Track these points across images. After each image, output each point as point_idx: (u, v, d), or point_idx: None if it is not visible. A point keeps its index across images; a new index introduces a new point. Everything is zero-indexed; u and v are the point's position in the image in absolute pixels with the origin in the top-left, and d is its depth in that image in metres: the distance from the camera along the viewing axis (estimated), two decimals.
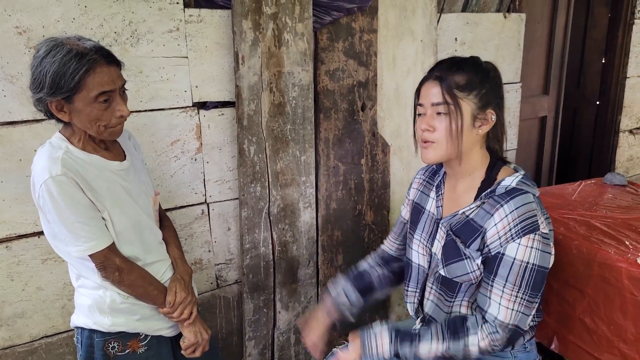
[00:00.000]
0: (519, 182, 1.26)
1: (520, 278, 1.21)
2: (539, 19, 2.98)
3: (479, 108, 1.27)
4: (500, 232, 1.22)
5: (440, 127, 1.26)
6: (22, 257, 1.68)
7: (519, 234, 1.20)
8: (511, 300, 1.22)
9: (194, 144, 1.89)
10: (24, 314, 1.72)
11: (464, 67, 1.28)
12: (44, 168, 1.19)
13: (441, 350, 1.26)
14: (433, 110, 1.28)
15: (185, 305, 1.41)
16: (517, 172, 1.31)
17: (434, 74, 1.30)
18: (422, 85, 1.32)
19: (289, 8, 1.85)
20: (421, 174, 1.55)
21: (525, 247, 1.20)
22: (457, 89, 1.25)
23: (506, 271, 1.22)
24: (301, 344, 2.22)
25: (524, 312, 1.23)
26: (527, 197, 1.22)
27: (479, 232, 1.26)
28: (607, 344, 1.53)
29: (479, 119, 1.28)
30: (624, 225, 1.66)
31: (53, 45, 1.18)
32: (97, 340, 1.34)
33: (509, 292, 1.21)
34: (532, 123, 3.22)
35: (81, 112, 1.21)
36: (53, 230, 1.26)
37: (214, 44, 1.83)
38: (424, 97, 1.30)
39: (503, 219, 1.21)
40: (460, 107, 1.25)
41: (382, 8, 2.10)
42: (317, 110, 2.04)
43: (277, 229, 2.04)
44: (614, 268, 1.45)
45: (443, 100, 1.25)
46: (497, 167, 1.33)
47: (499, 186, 1.27)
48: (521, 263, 1.20)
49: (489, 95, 1.28)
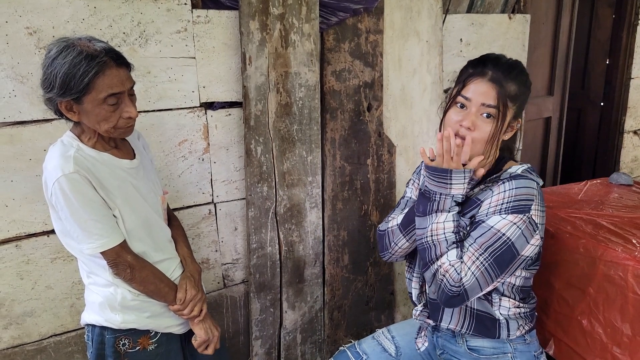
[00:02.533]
0: (524, 171, 1.30)
1: (488, 244, 1.21)
2: (543, 20, 2.99)
3: (513, 117, 1.30)
4: (492, 203, 1.25)
5: (484, 129, 1.26)
6: (32, 256, 1.69)
7: (507, 210, 1.22)
8: (471, 259, 1.22)
9: (201, 144, 1.90)
10: (33, 313, 1.73)
11: (516, 76, 1.28)
12: (57, 166, 1.20)
13: (430, 229, 1.28)
14: (481, 111, 1.27)
15: (196, 303, 1.42)
16: (523, 164, 1.35)
17: (490, 74, 1.27)
18: (473, 80, 1.29)
19: (296, 9, 1.86)
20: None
21: (508, 222, 1.22)
22: (508, 98, 1.26)
23: (479, 233, 1.24)
24: (307, 344, 2.23)
25: (478, 278, 1.21)
26: (530, 182, 1.26)
27: (476, 204, 1.29)
28: (600, 347, 1.53)
29: (511, 127, 1.32)
30: (631, 224, 1.66)
31: (64, 47, 1.20)
32: (108, 337, 1.36)
33: (472, 250, 1.23)
34: (536, 124, 3.22)
35: (90, 112, 1.23)
36: (65, 228, 1.28)
37: (221, 44, 1.84)
38: (475, 93, 1.27)
39: (500, 193, 1.25)
40: (506, 116, 1.27)
41: (387, 9, 2.11)
42: (323, 111, 2.05)
43: (283, 229, 2.05)
44: (621, 266, 1.45)
45: (496, 105, 1.25)
46: (504, 160, 1.38)
47: (504, 172, 1.32)
48: (497, 232, 1.21)
49: (523, 105, 1.32)
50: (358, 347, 1.62)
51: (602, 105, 3.58)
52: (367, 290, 2.32)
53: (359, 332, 2.32)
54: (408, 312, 2.51)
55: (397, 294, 2.44)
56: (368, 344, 1.63)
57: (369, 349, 1.60)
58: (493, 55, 1.33)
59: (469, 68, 1.33)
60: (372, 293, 2.34)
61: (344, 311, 2.28)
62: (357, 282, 2.28)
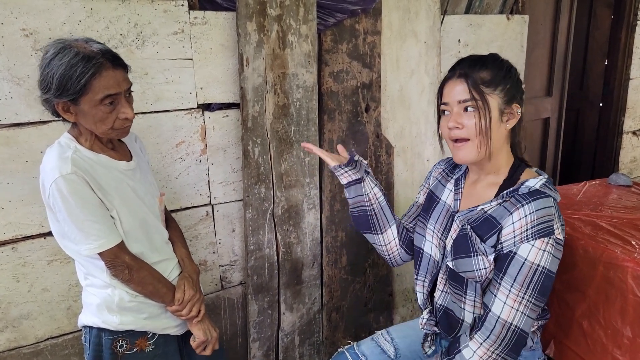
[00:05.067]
0: (542, 185, 1.26)
1: (529, 280, 1.20)
2: (541, 20, 2.99)
3: (505, 102, 1.29)
4: (516, 231, 1.22)
5: (469, 123, 1.27)
6: (28, 259, 1.68)
7: (534, 236, 1.20)
8: (517, 300, 1.21)
9: (198, 146, 1.90)
10: (30, 315, 1.73)
11: (487, 64, 1.29)
12: (54, 167, 1.20)
13: None
14: (460, 108, 1.28)
15: (194, 303, 1.42)
16: (541, 176, 1.32)
17: (457, 71, 1.30)
18: (445, 85, 1.33)
19: (293, 10, 1.86)
20: (442, 164, 1.56)
21: (538, 249, 1.20)
22: (483, 85, 1.27)
23: (516, 271, 1.21)
24: (306, 346, 2.22)
25: (529, 315, 1.22)
26: (548, 200, 1.22)
27: (496, 228, 1.26)
28: (601, 349, 1.52)
29: (506, 114, 1.30)
30: (630, 225, 1.66)
31: (61, 48, 1.20)
32: (105, 338, 1.35)
33: (515, 292, 1.21)
34: (535, 124, 3.22)
35: (87, 113, 1.23)
36: (62, 229, 1.27)
37: (218, 46, 1.84)
38: (449, 95, 1.31)
39: (522, 219, 1.21)
40: (487, 102, 1.26)
41: (385, 10, 2.10)
42: (321, 112, 2.04)
43: (281, 230, 2.04)
44: (620, 267, 1.45)
45: (470, 97, 1.26)
46: (520, 168, 1.35)
47: (522, 186, 1.27)
48: (532, 265, 1.20)
49: (513, 89, 1.30)
50: (357, 348, 1.61)
51: (600, 106, 3.58)
52: (366, 292, 2.32)
53: (358, 334, 2.31)
54: (407, 314, 2.51)
55: (395, 296, 2.43)
56: (367, 345, 1.62)
57: (368, 350, 1.59)
58: (464, 57, 1.36)
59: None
60: (371, 294, 2.33)
61: (343, 313, 2.28)
62: (355, 284, 2.27)
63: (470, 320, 1.34)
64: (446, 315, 1.41)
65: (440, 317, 1.44)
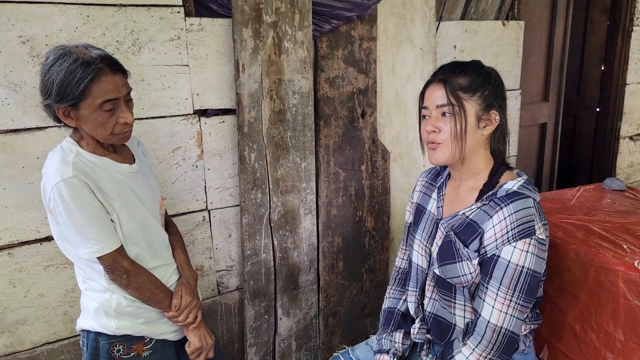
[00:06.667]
0: (521, 187, 1.27)
1: (515, 282, 1.22)
2: (537, 26, 3.00)
3: (482, 109, 1.29)
4: (497, 234, 1.23)
5: (445, 128, 1.29)
6: (24, 264, 1.69)
7: (515, 238, 1.21)
8: (505, 304, 1.22)
9: (195, 151, 1.91)
10: (26, 321, 1.73)
11: (466, 70, 1.31)
12: (56, 171, 1.22)
13: None
14: (438, 112, 1.31)
15: (191, 310, 1.43)
16: (520, 177, 1.33)
17: (437, 77, 1.33)
18: (426, 89, 1.36)
19: (289, 16, 1.87)
20: (424, 176, 1.57)
21: (520, 250, 1.21)
22: (460, 91, 1.28)
23: (501, 274, 1.22)
24: (302, 351, 2.22)
25: (518, 317, 1.23)
26: (526, 201, 1.23)
27: (477, 232, 1.27)
28: (594, 353, 1.53)
29: (484, 120, 1.31)
30: (622, 229, 1.66)
31: (61, 54, 1.22)
32: (103, 343, 1.36)
33: (503, 295, 1.22)
34: (532, 130, 3.23)
35: (87, 118, 1.25)
36: (62, 232, 1.29)
37: (214, 52, 1.85)
38: (428, 99, 1.33)
39: (501, 222, 1.23)
40: (464, 108, 1.28)
41: (381, 16, 2.12)
42: (317, 117, 2.05)
43: (277, 236, 2.05)
44: (611, 271, 1.45)
45: (447, 102, 1.28)
46: (500, 171, 1.36)
47: (500, 189, 1.29)
48: (516, 267, 1.21)
49: (492, 96, 1.31)
50: (352, 353, 1.62)
51: (597, 111, 3.58)
52: (362, 297, 2.32)
53: (354, 339, 2.32)
54: None
55: None
56: (362, 350, 1.62)
57: (363, 355, 1.60)
58: (446, 63, 1.38)
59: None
60: (367, 299, 2.34)
61: (339, 318, 2.28)
62: (352, 289, 2.28)
63: (463, 325, 1.35)
64: (437, 322, 1.42)
65: (431, 324, 1.44)
